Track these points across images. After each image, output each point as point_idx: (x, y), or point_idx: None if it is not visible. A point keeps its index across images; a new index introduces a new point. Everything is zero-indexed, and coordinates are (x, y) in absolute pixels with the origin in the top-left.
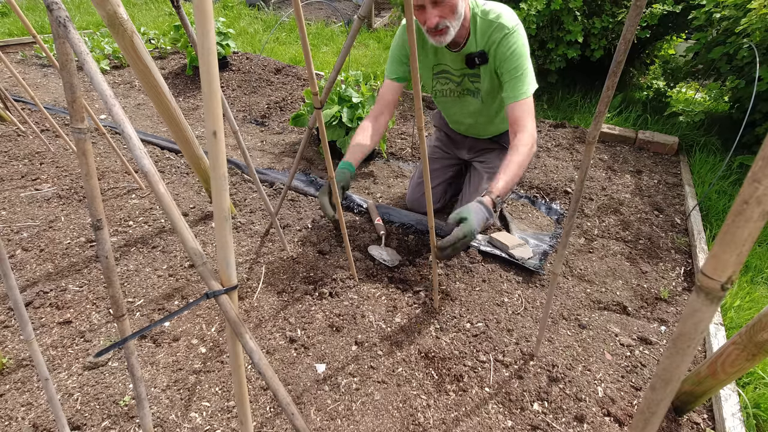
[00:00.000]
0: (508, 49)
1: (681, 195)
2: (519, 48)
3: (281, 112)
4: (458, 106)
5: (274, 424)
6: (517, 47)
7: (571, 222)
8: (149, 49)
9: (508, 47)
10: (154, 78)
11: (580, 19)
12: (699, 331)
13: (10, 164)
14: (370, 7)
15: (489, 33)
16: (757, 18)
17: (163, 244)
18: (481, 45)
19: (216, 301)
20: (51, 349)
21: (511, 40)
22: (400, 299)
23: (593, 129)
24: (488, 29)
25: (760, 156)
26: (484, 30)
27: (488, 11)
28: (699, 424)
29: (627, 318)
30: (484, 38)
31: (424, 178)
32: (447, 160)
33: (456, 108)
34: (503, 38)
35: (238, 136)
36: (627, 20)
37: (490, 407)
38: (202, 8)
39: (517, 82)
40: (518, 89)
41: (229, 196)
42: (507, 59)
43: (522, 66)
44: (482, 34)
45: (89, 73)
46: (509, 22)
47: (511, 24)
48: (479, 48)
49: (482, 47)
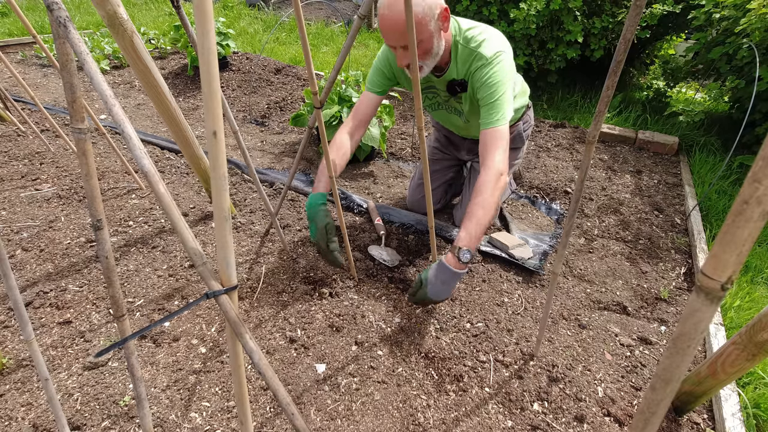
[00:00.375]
0: (483, 78)
1: (681, 195)
2: (494, 78)
3: (281, 112)
4: (448, 118)
5: (274, 424)
6: (491, 78)
7: (571, 222)
8: (149, 49)
9: (483, 76)
10: (154, 78)
11: (580, 19)
12: (699, 331)
13: (10, 164)
14: (370, 7)
15: (469, 62)
16: (757, 18)
17: (163, 244)
18: (461, 73)
19: (216, 301)
20: (51, 349)
21: (488, 70)
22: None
23: (593, 129)
24: (468, 58)
25: (760, 156)
26: (465, 58)
27: (470, 39)
28: (699, 424)
29: (627, 318)
30: (464, 67)
31: (424, 178)
32: (446, 161)
33: (446, 119)
34: (480, 68)
35: (238, 136)
36: (627, 20)
37: (490, 407)
38: (202, 8)
39: (489, 110)
40: (489, 117)
41: (229, 196)
42: (481, 88)
43: (495, 94)
44: (462, 62)
45: (89, 73)
46: (489, 51)
47: (490, 54)
48: (460, 76)
49: (463, 76)
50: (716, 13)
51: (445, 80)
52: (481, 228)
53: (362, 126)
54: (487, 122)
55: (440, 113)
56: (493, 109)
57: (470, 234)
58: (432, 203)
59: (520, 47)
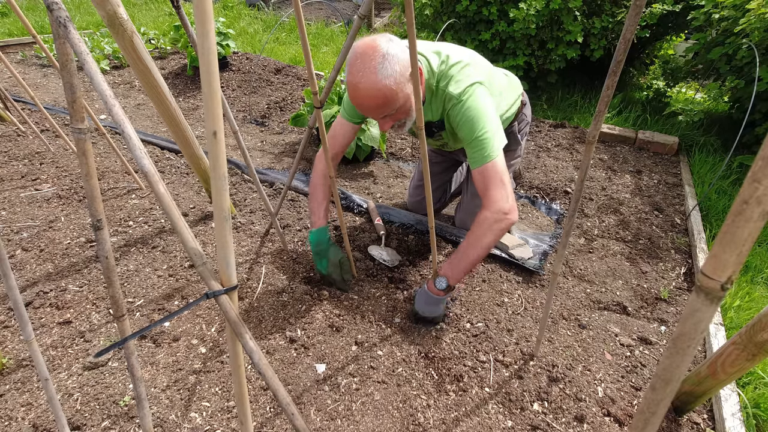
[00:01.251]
0: (459, 118)
1: (681, 195)
2: (469, 115)
3: (281, 112)
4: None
5: (274, 424)
6: (466, 116)
7: (571, 222)
8: (149, 49)
9: (459, 116)
10: (154, 78)
11: (579, 19)
12: (699, 331)
13: (10, 164)
14: (370, 7)
15: (441, 102)
16: (756, 18)
17: (163, 244)
18: (436, 115)
19: (216, 301)
20: (51, 349)
21: (459, 109)
22: (400, 299)
23: (593, 129)
24: (440, 97)
25: (760, 156)
26: (438, 98)
27: (441, 76)
28: (699, 424)
29: (627, 318)
30: (438, 108)
31: (424, 179)
32: (445, 163)
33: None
34: (451, 108)
35: (238, 136)
36: (627, 20)
37: (490, 407)
38: (202, 8)
39: (475, 149)
40: (478, 155)
41: (229, 196)
42: (460, 128)
43: (477, 131)
44: (437, 103)
45: (89, 73)
46: (457, 89)
47: (458, 92)
48: (435, 118)
49: (438, 117)
50: (716, 14)
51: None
52: (468, 265)
53: (338, 157)
54: (477, 161)
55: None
56: (480, 147)
57: (453, 267)
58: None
59: (520, 47)
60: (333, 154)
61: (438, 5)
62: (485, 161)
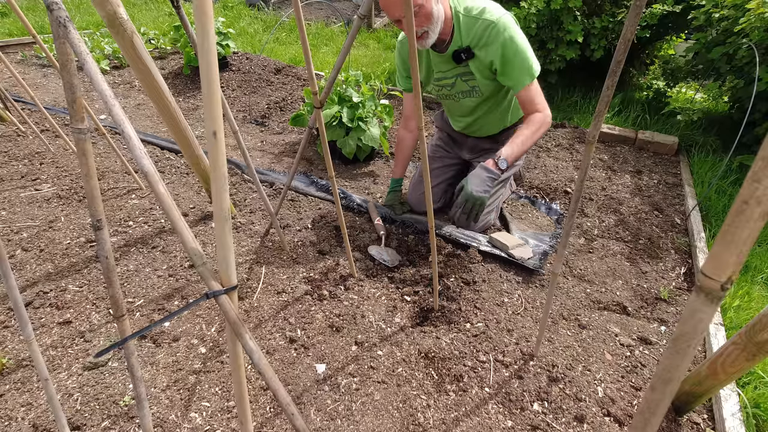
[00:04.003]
0: (497, 41)
1: (681, 195)
2: (508, 37)
3: (281, 112)
4: (457, 107)
5: (274, 424)
6: (506, 37)
7: (571, 222)
8: (149, 49)
9: (497, 40)
10: (154, 78)
11: (579, 19)
12: (699, 331)
13: (10, 164)
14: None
15: (474, 29)
16: (756, 17)
17: (163, 244)
18: (466, 42)
19: (216, 301)
20: (51, 349)
21: (498, 31)
22: (400, 299)
23: (593, 129)
24: (473, 26)
25: (760, 156)
26: (469, 27)
27: (471, 8)
28: (699, 424)
29: (627, 318)
30: (469, 35)
31: (424, 177)
32: (448, 159)
33: (455, 108)
34: (490, 32)
35: (238, 136)
36: (627, 20)
37: (490, 407)
38: (202, 8)
39: (517, 73)
40: (523, 76)
41: (229, 196)
42: (499, 52)
43: (516, 54)
44: (467, 31)
45: (89, 73)
46: (492, 15)
47: (495, 16)
48: (465, 44)
49: (468, 44)
50: (716, 13)
51: (449, 53)
52: (523, 149)
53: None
54: (522, 81)
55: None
56: (524, 67)
57: (512, 151)
58: (432, 202)
59: None
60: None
61: None
62: (528, 81)
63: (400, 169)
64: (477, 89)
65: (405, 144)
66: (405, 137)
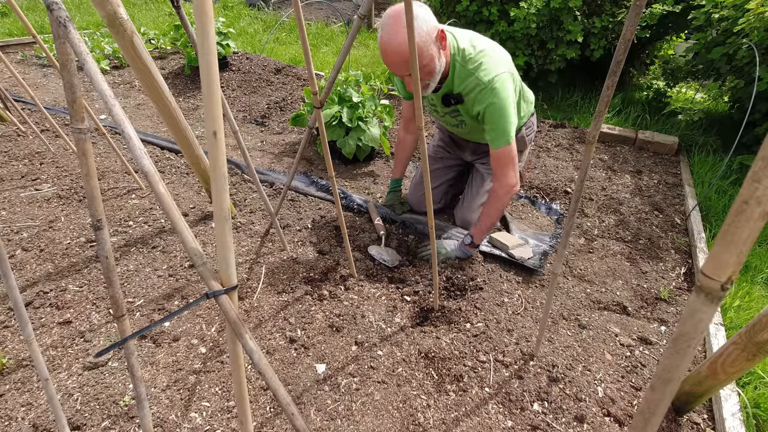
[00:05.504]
0: (485, 101)
1: (681, 195)
2: (496, 102)
3: (281, 112)
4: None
5: (274, 424)
6: (493, 102)
7: (571, 222)
8: (149, 49)
9: (485, 100)
10: (154, 78)
11: (579, 19)
12: (699, 331)
13: (10, 164)
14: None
15: (466, 82)
16: (755, 17)
17: (163, 244)
18: (457, 89)
19: (216, 301)
20: (51, 349)
21: (487, 95)
22: (400, 299)
23: (593, 129)
24: (466, 78)
25: (760, 156)
26: (462, 78)
27: (468, 59)
28: (699, 424)
29: (627, 318)
30: (461, 85)
31: (424, 177)
32: (450, 160)
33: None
34: (480, 91)
35: (238, 136)
36: (627, 20)
37: (490, 407)
38: (202, 8)
39: (495, 134)
40: (499, 140)
41: (229, 196)
42: (483, 114)
43: (500, 120)
44: (459, 80)
45: (89, 73)
46: (487, 74)
47: (488, 77)
48: (456, 91)
49: (459, 91)
50: (716, 13)
51: (440, 94)
52: (487, 228)
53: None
54: (497, 143)
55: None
56: (501, 132)
57: (477, 231)
58: (432, 202)
59: (520, 47)
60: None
61: (437, 5)
62: (504, 144)
63: (399, 169)
64: (465, 124)
65: (405, 145)
66: (405, 138)
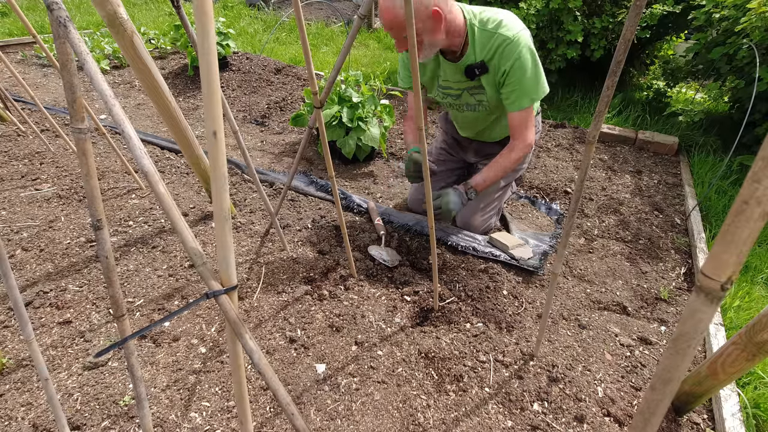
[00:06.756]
0: (512, 57)
1: (681, 195)
2: (524, 55)
3: (281, 112)
4: (461, 116)
5: (274, 424)
6: (522, 54)
7: (571, 222)
8: (149, 49)
9: (512, 56)
10: (154, 78)
11: (579, 19)
12: (699, 331)
13: (10, 164)
14: (370, 7)
15: (489, 44)
16: (756, 17)
17: (163, 244)
18: (480, 56)
19: (216, 301)
20: (51, 349)
21: (514, 48)
22: (399, 299)
23: (593, 129)
24: (488, 40)
25: (760, 156)
26: (484, 42)
27: (486, 20)
28: (699, 424)
29: (627, 318)
30: (483, 50)
31: (425, 178)
32: (452, 163)
33: (460, 116)
34: (505, 49)
35: (238, 136)
36: (627, 20)
37: (490, 407)
38: (202, 8)
39: (517, 94)
40: (519, 101)
41: (229, 196)
42: (510, 71)
43: (524, 77)
44: (481, 45)
45: (89, 73)
46: (510, 30)
47: (512, 33)
48: (479, 59)
49: (482, 58)
50: (716, 13)
51: (462, 65)
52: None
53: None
54: (517, 105)
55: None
56: (523, 92)
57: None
58: (434, 207)
59: None
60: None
61: None
62: (527, 104)
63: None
64: (484, 103)
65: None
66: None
